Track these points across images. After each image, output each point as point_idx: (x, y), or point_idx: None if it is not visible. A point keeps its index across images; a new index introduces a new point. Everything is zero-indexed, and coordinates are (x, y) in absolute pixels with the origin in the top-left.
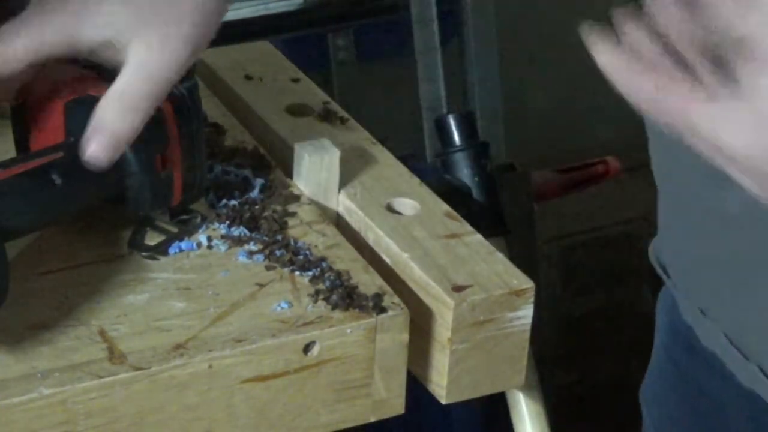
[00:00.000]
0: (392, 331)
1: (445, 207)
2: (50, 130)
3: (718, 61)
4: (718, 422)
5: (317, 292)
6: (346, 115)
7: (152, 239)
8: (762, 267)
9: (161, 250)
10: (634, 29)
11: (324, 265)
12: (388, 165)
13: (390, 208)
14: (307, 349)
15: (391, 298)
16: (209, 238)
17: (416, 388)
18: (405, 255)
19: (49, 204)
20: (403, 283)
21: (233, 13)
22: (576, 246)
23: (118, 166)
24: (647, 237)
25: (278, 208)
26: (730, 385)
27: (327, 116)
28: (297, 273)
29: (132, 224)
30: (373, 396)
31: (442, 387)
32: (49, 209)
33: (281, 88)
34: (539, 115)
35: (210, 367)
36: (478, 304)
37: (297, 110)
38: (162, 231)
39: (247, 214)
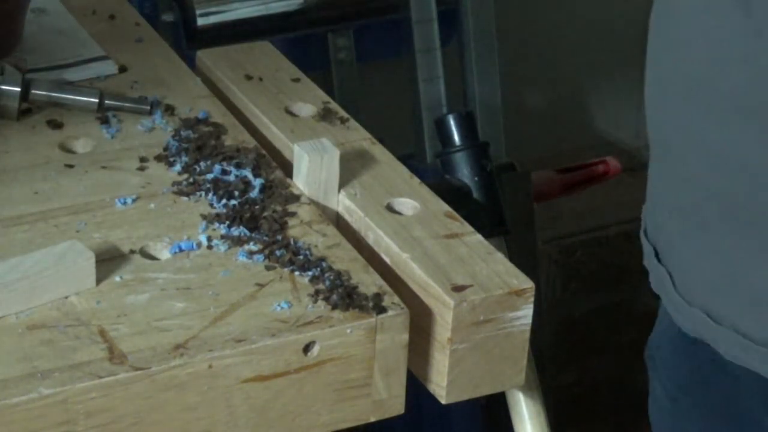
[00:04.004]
0: (392, 331)
1: (445, 207)
2: None
3: None
4: (729, 396)
5: (317, 292)
6: (346, 115)
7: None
8: (716, 218)
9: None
10: None
11: (324, 265)
12: (388, 165)
13: (390, 208)
14: (307, 349)
15: (391, 298)
16: (209, 238)
17: (416, 388)
18: (405, 255)
19: None
20: (403, 283)
21: (233, 13)
22: (576, 246)
23: None
24: None
25: (278, 208)
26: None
27: (327, 116)
28: (297, 273)
29: None
30: (373, 396)
31: (442, 387)
32: None
33: (281, 88)
34: (539, 115)
35: (210, 367)
36: (478, 304)
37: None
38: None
39: (247, 214)
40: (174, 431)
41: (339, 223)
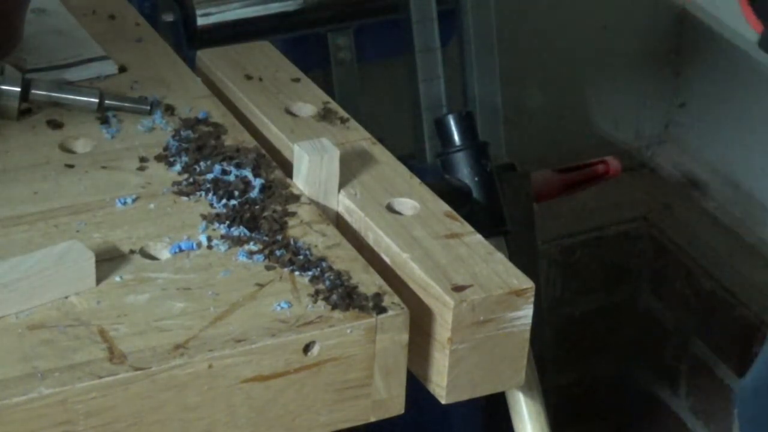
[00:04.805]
0: (392, 331)
1: (445, 207)
2: None
3: None
4: None
5: (317, 292)
6: (346, 115)
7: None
8: None
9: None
10: None
11: (324, 265)
12: (388, 165)
13: (390, 208)
14: (307, 349)
15: (391, 298)
16: (209, 238)
17: (416, 388)
18: (405, 255)
19: None
20: (403, 283)
21: (233, 13)
22: (576, 246)
23: None
24: (647, 237)
25: (278, 208)
26: None
27: (327, 116)
28: (297, 273)
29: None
30: (373, 396)
31: (442, 387)
32: None
33: (281, 88)
34: (539, 115)
35: (210, 367)
36: (478, 304)
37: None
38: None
39: (247, 214)
40: (174, 431)
41: (339, 223)
